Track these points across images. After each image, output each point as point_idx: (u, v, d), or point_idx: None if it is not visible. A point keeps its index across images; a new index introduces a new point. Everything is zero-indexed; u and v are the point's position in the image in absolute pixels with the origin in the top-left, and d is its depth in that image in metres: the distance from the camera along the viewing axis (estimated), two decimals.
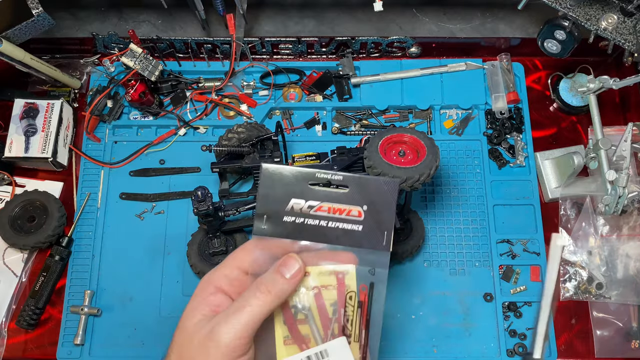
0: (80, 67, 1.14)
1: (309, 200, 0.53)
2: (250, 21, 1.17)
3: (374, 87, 1.11)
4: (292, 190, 0.53)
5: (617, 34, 0.92)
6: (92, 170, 1.07)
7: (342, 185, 0.54)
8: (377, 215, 0.53)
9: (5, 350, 0.97)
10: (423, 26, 1.19)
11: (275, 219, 0.53)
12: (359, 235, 0.53)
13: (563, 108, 1.11)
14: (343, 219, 0.54)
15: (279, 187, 0.53)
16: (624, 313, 0.98)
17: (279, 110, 1.11)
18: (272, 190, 0.53)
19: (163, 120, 1.10)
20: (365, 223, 0.53)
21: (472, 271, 1.00)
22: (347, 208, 0.54)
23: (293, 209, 0.53)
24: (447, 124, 1.10)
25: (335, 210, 0.54)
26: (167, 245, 1.02)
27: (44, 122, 1.03)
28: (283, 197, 0.53)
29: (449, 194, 1.05)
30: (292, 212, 0.53)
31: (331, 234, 0.53)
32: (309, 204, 0.53)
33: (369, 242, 0.53)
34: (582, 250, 1.00)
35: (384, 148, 0.86)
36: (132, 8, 1.21)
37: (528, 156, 1.07)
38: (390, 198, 0.53)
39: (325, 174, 0.54)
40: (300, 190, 0.53)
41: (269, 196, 0.53)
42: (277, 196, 0.53)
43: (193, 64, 1.13)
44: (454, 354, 0.95)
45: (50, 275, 0.98)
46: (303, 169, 0.54)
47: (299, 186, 0.53)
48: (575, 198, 1.03)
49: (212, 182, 1.03)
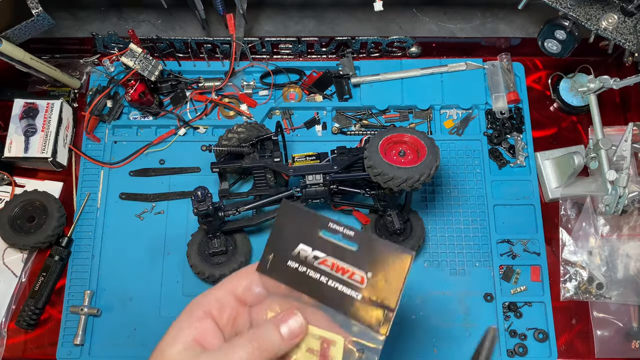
0: (80, 67, 1.13)
1: (316, 250, 0.50)
2: (250, 21, 1.17)
3: (374, 87, 1.11)
4: (303, 234, 0.50)
5: (617, 33, 0.92)
6: (91, 170, 1.07)
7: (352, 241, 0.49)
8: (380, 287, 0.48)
9: (5, 351, 0.97)
10: (423, 26, 1.19)
11: (280, 261, 0.50)
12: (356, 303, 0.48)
13: (563, 108, 1.11)
14: (344, 281, 0.49)
15: (293, 227, 0.51)
16: (624, 313, 0.98)
17: (279, 110, 1.11)
18: (286, 229, 0.51)
19: (163, 120, 1.10)
20: (365, 292, 0.48)
21: (472, 271, 1.00)
22: (351, 270, 0.49)
23: (299, 255, 0.50)
24: (447, 124, 1.10)
25: (339, 268, 0.49)
26: (167, 245, 1.02)
27: (43, 122, 1.03)
28: (294, 239, 0.50)
29: (449, 194, 1.05)
30: (297, 258, 0.50)
31: (328, 294, 0.49)
32: (315, 254, 0.50)
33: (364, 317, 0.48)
34: (582, 250, 1.00)
35: (384, 148, 0.86)
36: (132, 8, 1.21)
37: (528, 156, 1.07)
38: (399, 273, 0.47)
39: (339, 227, 0.50)
40: (310, 236, 0.50)
41: (282, 234, 0.51)
42: (288, 236, 0.50)
43: (193, 64, 1.13)
44: (454, 354, 0.95)
45: (50, 275, 0.98)
46: (320, 215, 0.50)
47: (311, 232, 0.50)
48: (576, 198, 1.03)
49: (212, 182, 1.03)
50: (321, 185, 0.92)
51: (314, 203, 0.96)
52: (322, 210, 1.03)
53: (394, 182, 0.83)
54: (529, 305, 0.98)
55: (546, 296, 0.98)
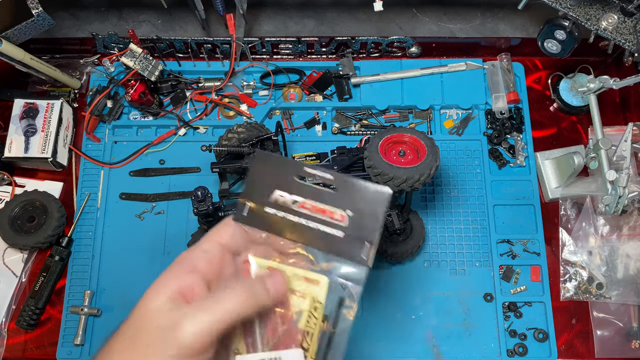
0: (80, 67, 1.13)
1: (294, 195, 0.50)
2: (250, 21, 1.17)
3: (374, 87, 1.11)
4: (279, 181, 0.50)
5: (617, 33, 0.92)
6: (92, 171, 1.07)
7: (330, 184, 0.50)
8: (361, 223, 0.49)
9: (5, 351, 0.97)
10: (423, 26, 1.19)
11: (257, 209, 0.50)
12: (338, 241, 0.49)
13: (563, 108, 1.11)
14: (325, 221, 0.49)
15: (268, 175, 0.50)
16: (624, 313, 0.98)
17: (279, 110, 1.11)
18: (260, 178, 0.50)
19: (163, 120, 1.10)
20: (347, 230, 0.49)
21: (472, 271, 1.00)
22: (331, 210, 0.50)
23: (277, 201, 0.50)
24: (447, 124, 1.10)
25: (318, 209, 0.50)
26: (167, 245, 1.02)
27: (43, 122, 1.03)
28: (269, 186, 0.50)
29: (449, 194, 1.05)
30: (275, 205, 0.50)
31: (310, 235, 0.49)
32: (293, 199, 0.50)
33: (348, 252, 0.49)
34: (582, 250, 1.00)
35: (384, 148, 0.86)
36: (132, 8, 1.20)
37: (528, 156, 1.07)
38: (378, 209, 0.49)
39: (314, 170, 0.50)
40: (287, 182, 0.50)
41: (256, 183, 0.50)
42: (264, 184, 0.50)
43: (193, 64, 1.13)
44: (454, 355, 0.95)
45: (50, 275, 0.98)
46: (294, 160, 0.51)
47: (287, 178, 0.50)
48: (576, 198, 1.03)
49: (212, 182, 1.03)
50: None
51: None
52: None
53: (394, 182, 0.83)
54: (529, 305, 0.98)
55: (546, 296, 0.98)
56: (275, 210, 0.50)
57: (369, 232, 0.49)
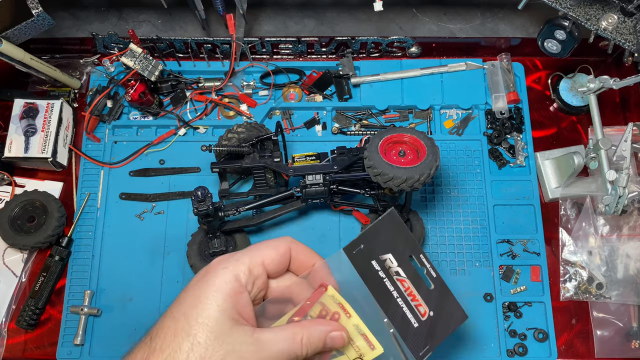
0: (80, 67, 1.13)
1: (400, 268, 0.54)
2: (250, 21, 1.17)
3: (374, 87, 1.11)
4: (396, 249, 0.54)
5: (617, 33, 0.92)
6: (91, 171, 1.07)
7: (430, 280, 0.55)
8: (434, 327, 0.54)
9: (5, 351, 0.96)
10: (423, 26, 1.19)
11: (367, 255, 0.54)
12: (410, 329, 0.53)
13: (563, 108, 1.11)
14: (410, 305, 0.54)
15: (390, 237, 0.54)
16: (624, 313, 0.97)
17: (279, 110, 1.11)
18: (384, 235, 0.54)
19: (163, 120, 1.10)
20: (422, 325, 0.53)
21: (472, 271, 1.00)
22: (420, 301, 0.54)
23: (385, 262, 0.54)
24: (447, 124, 1.10)
25: (411, 293, 0.54)
26: (167, 245, 1.02)
27: (43, 122, 1.03)
28: (386, 246, 0.54)
29: (449, 194, 1.05)
30: (381, 263, 0.54)
31: (392, 306, 0.53)
32: (398, 270, 0.54)
33: (411, 343, 0.53)
34: (582, 251, 1.00)
35: (384, 148, 0.86)
36: (132, 8, 1.20)
37: (528, 156, 1.07)
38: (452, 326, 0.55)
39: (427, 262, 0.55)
40: (401, 254, 0.54)
41: (379, 237, 0.54)
42: (383, 241, 0.54)
43: (193, 64, 1.13)
44: (454, 355, 0.95)
45: (50, 275, 0.98)
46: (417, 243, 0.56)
47: (403, 251, 0.54)
48: (576, 198, 1.03)
49: (212, 182, 1.03)
50: (321, 185, 0.92)
51: (314, 203, 0.96)
52: (322, 210, 1.03)
53: (394, 182, 0.83)
54: (529, 305, 0.98)
55: (546, 296, 0.98)
56: (378, 268, 0.54)
57: (435, 339, 0.54)
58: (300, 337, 0.51)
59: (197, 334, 0.49)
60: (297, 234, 1.02)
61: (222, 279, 0.52)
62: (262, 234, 1.03)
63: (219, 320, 0.49)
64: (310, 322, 0.54)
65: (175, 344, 0.49)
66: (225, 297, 0.51)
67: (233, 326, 0.50)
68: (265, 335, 0.51)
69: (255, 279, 0.54)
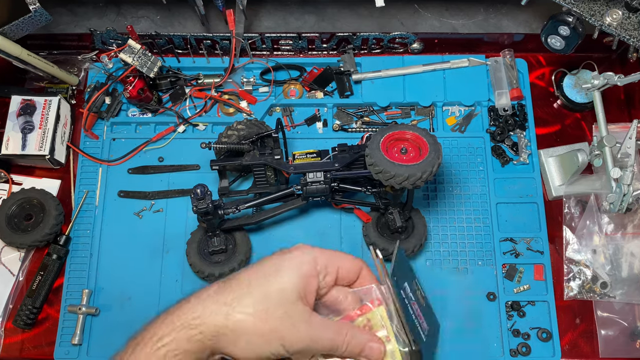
0: (78, 63, 1.12)
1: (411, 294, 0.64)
2: (250, 17, 1.16)
3: (376, 84, 1.10)
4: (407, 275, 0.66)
5: (621, 29, 0.91)
6: (90, 168, 1.06)
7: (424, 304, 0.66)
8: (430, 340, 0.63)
9: (2, 350, 0.96)
10: (425, 22, 1.18)
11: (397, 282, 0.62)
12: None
13: (567, 105, 1.10)
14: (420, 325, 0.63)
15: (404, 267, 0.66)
16: (628, 312, 0.97)
17: (279, 107, 1.10)
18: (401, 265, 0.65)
19: (162, 117, 1.09)
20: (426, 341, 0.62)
21: (474, 270, 0.99)
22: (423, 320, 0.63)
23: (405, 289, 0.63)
24: (449, 121, 1.09)
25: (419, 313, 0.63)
26: (166, 243, 1.01)
27: (41, 119, 1.03)
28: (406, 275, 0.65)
29: (451, 191, 1.04)
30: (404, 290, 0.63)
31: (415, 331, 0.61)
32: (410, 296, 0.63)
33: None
34: (586, 249, 0.99)
35: (386, 145, 0.85)
36: (131, 4, 1.20)
37: (531, 153, 1.06)
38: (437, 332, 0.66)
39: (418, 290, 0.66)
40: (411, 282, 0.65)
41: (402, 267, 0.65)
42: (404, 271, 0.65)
43: (192, 60, 1.12)
44: (457, 354, 0.94)
45: (47, 274, 0.97)
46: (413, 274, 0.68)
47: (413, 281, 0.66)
48: (580, 196, 1.02)
49: (211, 180, 1.02)
50: (322, 183, 0.91)
51: (314, 201, 0.95)
52: (323, 208, 1.02)
53: (396, 179, 0.82)
54: (532, 305, 0.97)
55: (550, 295, 0.97)
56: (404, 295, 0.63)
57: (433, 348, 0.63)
58: (346, 333, 0.58)
59: (270, 289, 0.57)
60: (298, 232, 1.02)
61: (302, 259, 0.59)
62: (262, 232, 1.02)
63: (288, 291, 0.57)
64: (357, 327, 0.61)
65: (247, 290, 0.57)
66: (300, 274, 0.58)
67: (297, 300, 0.57)
68: (318, 319, 0.58)
69: (326, 274, 0.61)
